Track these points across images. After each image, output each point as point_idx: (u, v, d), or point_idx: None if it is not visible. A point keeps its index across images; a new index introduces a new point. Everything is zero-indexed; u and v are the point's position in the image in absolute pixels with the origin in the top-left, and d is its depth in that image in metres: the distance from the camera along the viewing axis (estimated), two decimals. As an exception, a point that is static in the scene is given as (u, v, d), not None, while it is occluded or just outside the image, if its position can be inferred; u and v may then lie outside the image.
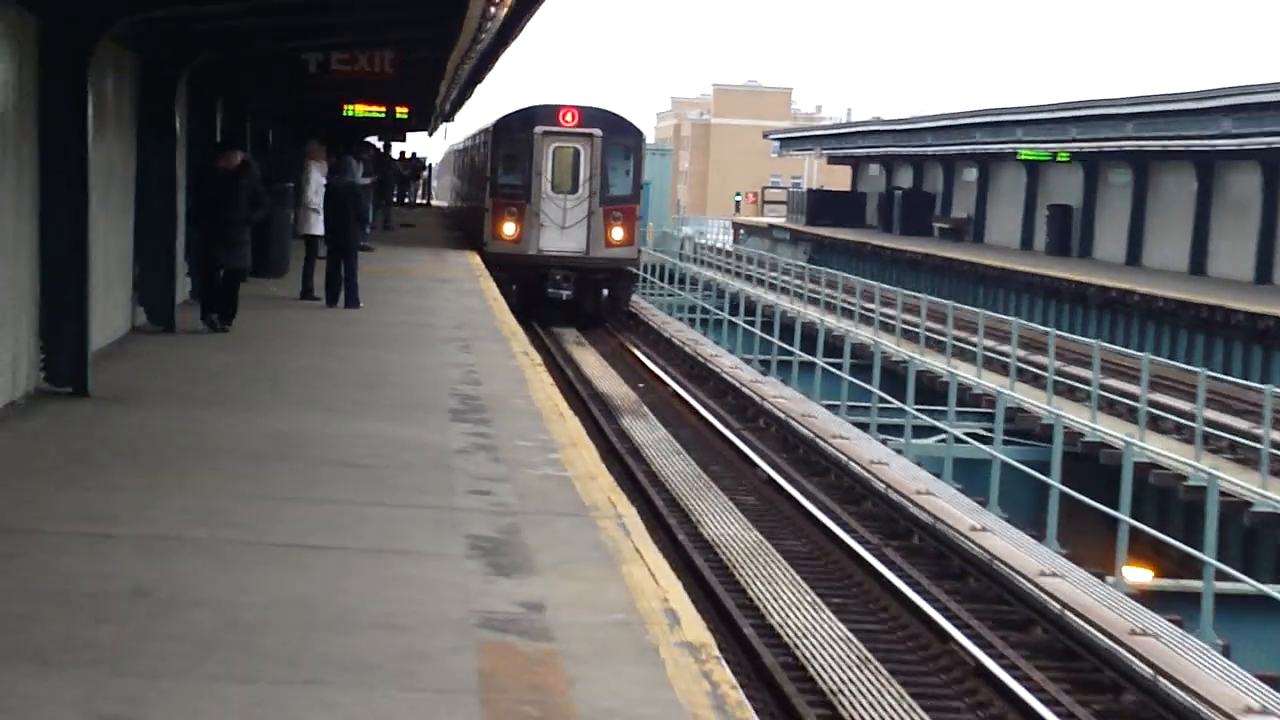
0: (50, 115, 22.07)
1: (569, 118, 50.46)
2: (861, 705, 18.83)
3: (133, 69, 28.40)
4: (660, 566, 15.64)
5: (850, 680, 19.68)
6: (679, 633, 13.29)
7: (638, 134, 53.31)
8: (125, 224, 28.23)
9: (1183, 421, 37.53)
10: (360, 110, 49.89)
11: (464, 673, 11.76)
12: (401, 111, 52.19)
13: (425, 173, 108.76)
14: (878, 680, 19.78)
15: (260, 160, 39.73)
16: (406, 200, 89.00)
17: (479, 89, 74.27)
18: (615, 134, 51.17)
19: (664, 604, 14.13)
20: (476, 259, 51.20)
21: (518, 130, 51.10)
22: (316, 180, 37.63)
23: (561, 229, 50.17)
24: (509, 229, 50.41)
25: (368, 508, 17.03)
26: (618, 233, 50.56)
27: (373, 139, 69.17)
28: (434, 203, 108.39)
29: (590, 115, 51.01)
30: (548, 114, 50.84)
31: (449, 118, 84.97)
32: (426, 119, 70.97)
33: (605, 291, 51.74)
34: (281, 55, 37.15)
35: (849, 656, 20.66)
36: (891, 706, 18.84)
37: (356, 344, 30.77)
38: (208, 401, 23.34)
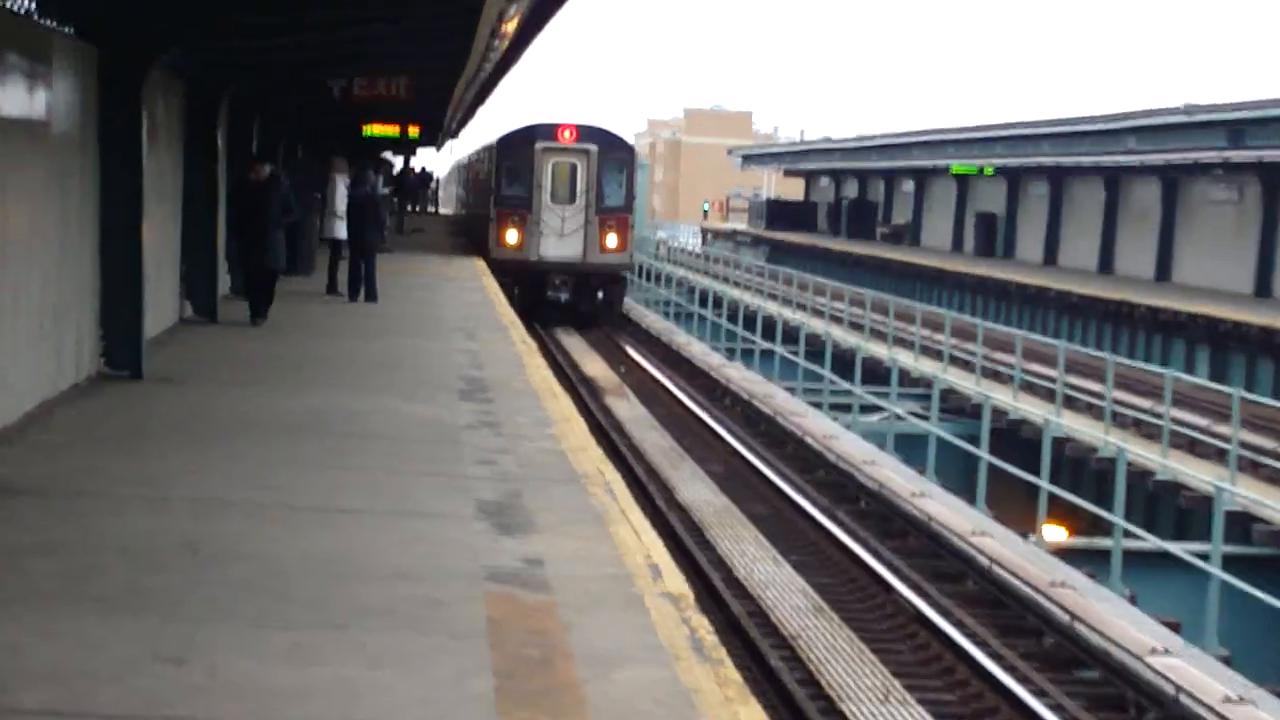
0: (108, 133, 22.06)
1: (567, 135, 49.63)
2: (817, 647, 18.85)
3: (180, 92, 28.39)
4: (643, 527, 15.68)
5: (807, 626, 19.71)
6: (661, 585, 13.32)
7: (630, 149, 52.78)
8: (173, 228, 28.22)
9: (1094, 401, 37.60)
10: (377, 130, 49.82)
11: (474, 619, 11.78)
12: (413, 131, 52.17)
13: (433, 185, 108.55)
14: (831, 626, 19.81)
15: (290, 173, 39.71)
16: (417, 209, 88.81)
17: (480, 111, 74.25)
18: (609, 149, 50.43)
19: (647, 560, 14.16)
20: (480, 262, 50.83)
21: (520, 146, 50.22)
22: (340, 190, 37.59)
23: (560, 237, 49.33)
24: (512, 237, 49.53)
25: (387, 475, 17.06)
26: (612, 240, 49.68)
27: (388, 154, 69.01)
28: (441, 211, 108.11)
29: (586, 132, 50.19)
30: (547, 131, 49.95)
31: (454, 135, 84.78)
32: (434, 137, 70.90)
33: (600, 294, 50.96)
34: (310, 82, 37.12)
35: (805, 605, 20.69)
36: (843, 649, 18.86)
37: (375, 333, 30.75)
38: (246, 383, 23.37)
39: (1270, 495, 28.26)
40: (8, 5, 16.93)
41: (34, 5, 18.99)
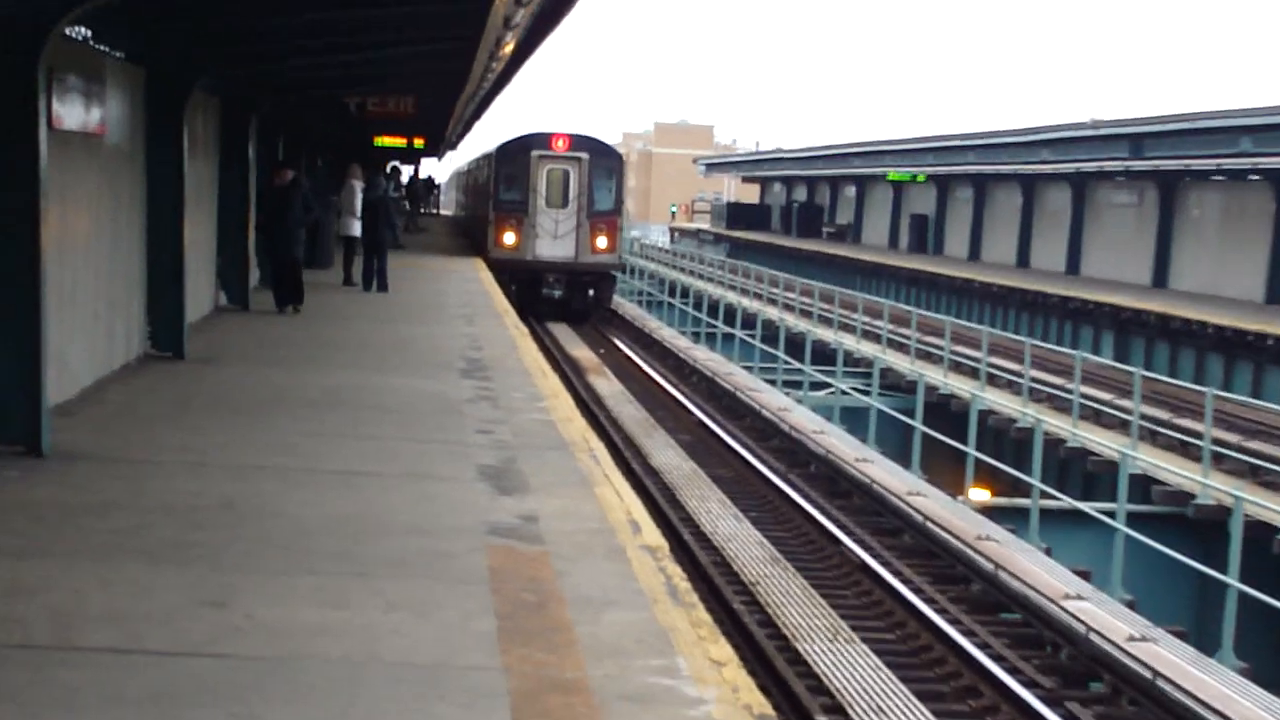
0: (154, 144, 22.06)
1: (560, 143, 48.50)
2: (774, 592, 18.88)
3: (216, 109, 28.36)
4: (623, 488, 15.71)
5: (764, 574, 19.74)
6: (640, 538, 13.35)
7: (618, 157, 51.40)
8: (210, 227, 28.21)
9: (1013, 378, 37.68)
10: (387, 141, 49.94)
11: (477, 568, 11.82)
12: (418, 142, 52.36)
13: (436, 190, 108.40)
14: (785, 574, 19.83)
15: (310, 178, 39.70)
16: (422, 211, 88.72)
17: (477, 124, 74.15)
18: (599, 157, 49.20)
19: (628, 516, 14.19)
20: (478, 260, 50.45)
21: (517, 154, 48.93)
22: (355, 193, 37.55)
23: (554, 238, 48.08)
24: (509, 238, 48.24)
25: (400, 442, 17.07)
26: (602, 241, 48.43)
27: (396, 163, 68.88)
28: (442, 212, 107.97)
29: (578, 141, 49.04)
30: (542, 140, 48.80)
31: (454, 146, 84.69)
32: (437, 147, 70.87)
33: (591, 292, 49.64)
34: (329, 100, 37.10)
35: (763, 556, 20.71)
36: (796, 594, 18.88)
37: (386, 319, 30.76)
38: (275, 362, 23.37)
39: (1167, 461, 28.35)
40: (68, 33, 16.88)
41: (90, 33, 18.95)
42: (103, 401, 18.49)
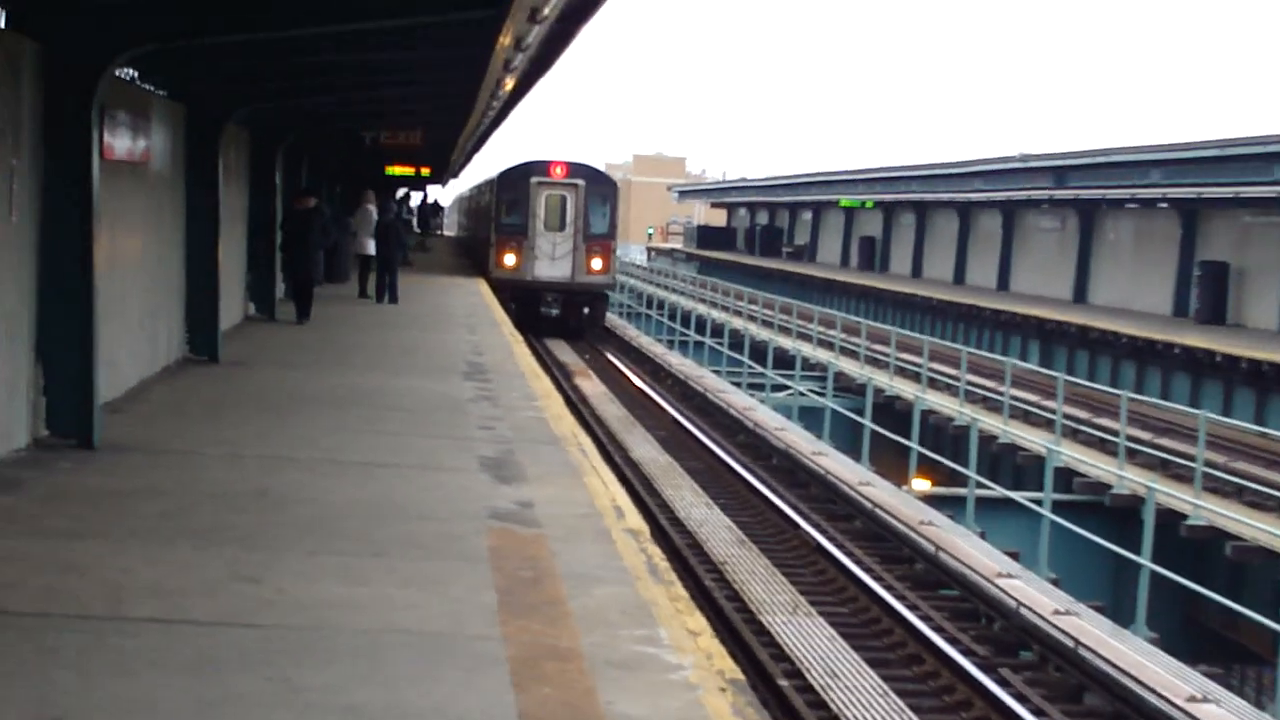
0: (192, 171, 22.05)
1: (558, 171, 46.74)
2: (740, 571, 18.89)
3: (247, 141, 28.33)
4: (609, 478, 15.72)
5: (732, 555, 19.75)
6: (624, 522, 13.35)
7: (613, 184, 49.58)
8: (241, 246, 28.19)
9: (951, 382, 37.70)
10: (397, 170, 49.31)
11: (480, 548, 11.81)
12: (425, 171, 51.77)
13: (440, 213, 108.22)
14: (750, 555, 19.85)
15: (329, 204, 39.67)
16: (428, 232, 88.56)
17: (477, 155, 74.09)
18: (595, 184, 47.40)
19: (612, 503, 14.19)
20: (479, 278, 49.67)
21: (517, 180, 47.05)
22: (370, 216, 37.53)
23: (552, 260, 46.26)
24: (509, 259, 46.45)
25: (411, 437, 17.06)
26: (597, 263, 46.64)
27: (404, 190, 68.78)
28: (445, 234, 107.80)
29: (575, 169, 47.30)
30: (541, 168, 46.99)
31: (456, 174, 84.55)
32: (441, 175, 70.73)
33: (586, 310, 47.88)
34: (346, 133, 37.07)
35: (731, 539, 20.73)
36: (760, 572, 18.90)
37: (398, 327, 30.74)
38: (300, 365, 23.35)
39: (1087, 455, 28.42)
40: (118, 74, 16.87)
41: (137, 74, 18.96)
42: (147, 399, 18.47)
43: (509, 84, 26.58)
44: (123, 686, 8.21)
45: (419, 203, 76.54)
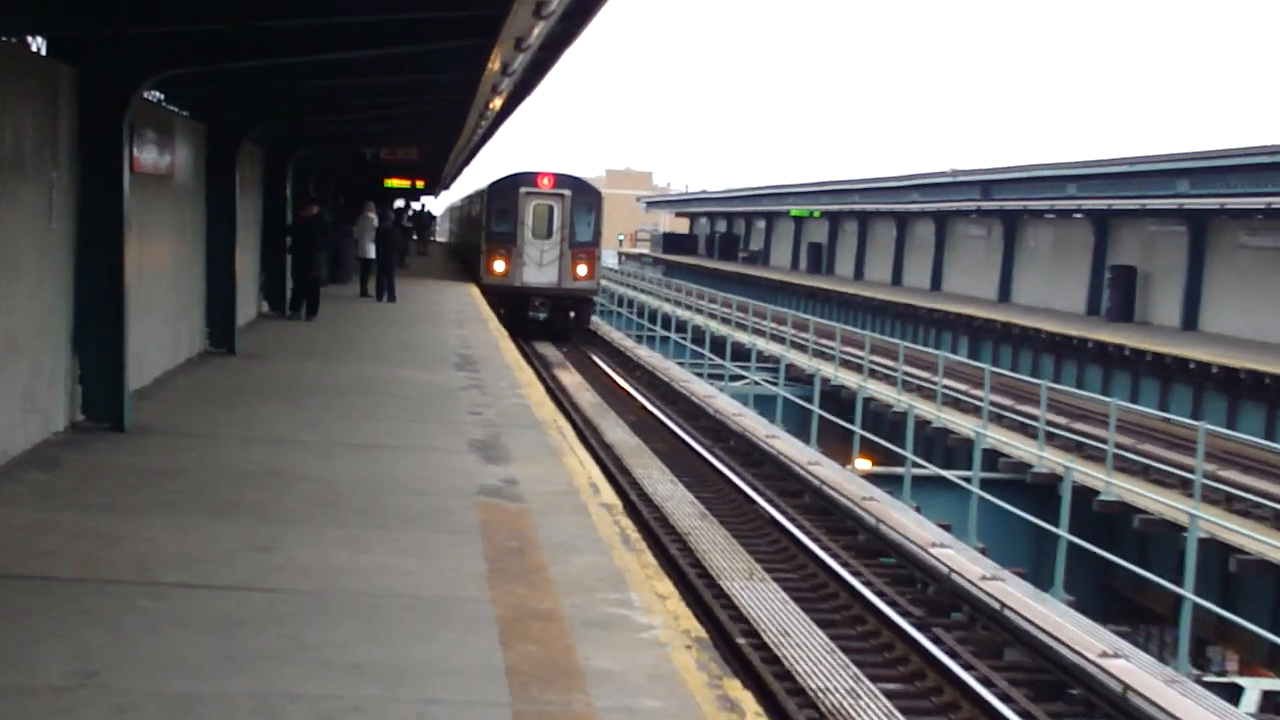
0: (212, 183, 22.01)
1: (545, 181, 44.33)
2: (701, 539, 18.89)
3: (260, 156, 28.24)
4: (585, 458, 15.73)
5: (695, 527, 19.74)
6: (599, 498, 13.37)
7: (597, 194, 46.84)
8: (255, 250, 28.11)
9: (889, 372, 37.72)
10: (395, 183, 48.93)
11: (471, 520, 11.83)
12: (420, 183, 51.35)
13: (433, 222, 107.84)
14: (710, 527, 19.85)
15: (332, 212, 39.58)
16: (423, 239, 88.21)
17: (466, 169, 73.91)
18: (580, 194, 44.98)
19: (589, 480, 14.20)
20: (470, 282, 48.80)
21: (507, 190, 44.66)
22: (370, 224, 37.44)
23: (539, 266, 43.98)
24: (499, 266, 44.08)
25: (408, 421, 17.04)
26: (582, 269, 44.31)
27: (402, 200, 68.46)
28: (437, 240, 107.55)
29: (561, 180, 44.77)
30: (529, 179, 44.52)
31: (447, 186, 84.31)
32: (434, 187, 70.54)
33: (572, 314, 45.54)
34: (350, 150, 37.02)
35: (694, 513, 20.72)
36: (719, 541, 18.90)
37: (395, 323, 30.68)
38: (308, 357, 23.31)
39: (1011, 438, 28.50)
40: (146, 96, 16.84)
41: (163, 96, 18.92)
42: (172, 388, 18.43)
43: (496, 104, 26.50)
44: (152, 644, 8.21)
45: (415, 212, 76.20)
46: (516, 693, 7.74)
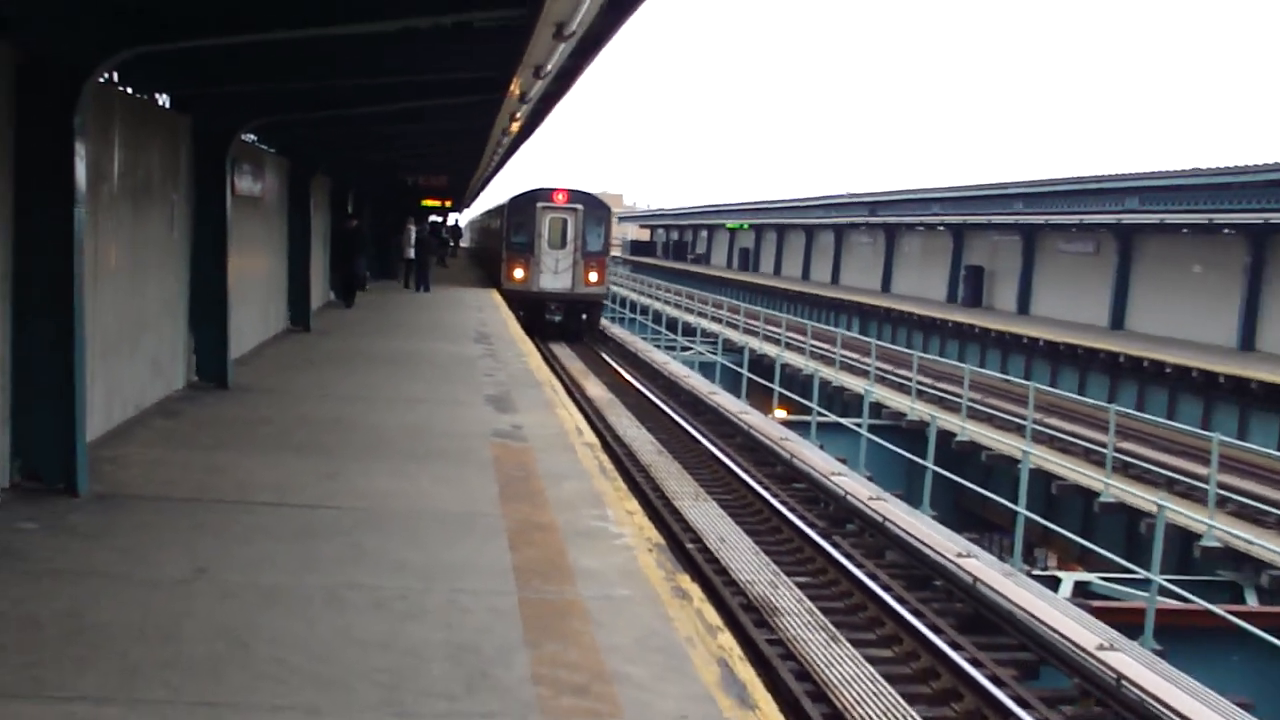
0: (293, 205, 21.88)
1: (560, 197, 39.43)
2: (662, 471, 18.85)
3: (328, 183, 28.01)
4: (573, 409, 15.67)
5: (654, 460, 19.67)
6: (583, 438, 13.33)
7: (606, 208, 41.60)
8: (324, 253, 27.99)
9: (801, 344, 37.54)
10: (428, 202, 47.84)
11: (486, 456, 11.79)
12: (448, 203, 50.66)
13: (459, 233, 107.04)
14: (666, 460, 19.77)
15: (375, 225, 39.33)
16: (452, 247, 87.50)
17: (482, 192, 73.40)
18: (592, 208, 39.90)
19: (575, 426, 14.17)
20: (489, 282, 46.14)
21: (525, 205, 39.61)
22: (410, 234, 37.25)
23: (555, 273, 38.95)
24: (518, 273, 39.07)
25: (439, 382, 16.97)
26: (593, 276, 39.27)
27: (434, 217, 67.89)
28: (461, 246, 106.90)
29: (575, 195, 39.85)
30: (545, 194, 39.56)
31: (469, 204, 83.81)
32: (459, 205, 70.16)
33: (584, 316, 40.42)
34: (397, 178, 36.76)
35: (653, 450, 20.66)
36: (673, 471, 18.85)
37: (427, 309, 30.51)
38: (362, 334, 23.11)
39: (892, 395, 28.55)
40: (244, 138, 16.71)
41: (256, 138, 18.78)
42: (262, 357, 18.33)
43: (505, 142, 26.38)
44: (247, 549, 8.19)
45: (445, 225, 75.73)
46: (521, 585, 7.74)
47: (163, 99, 14.18)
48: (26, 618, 6.61)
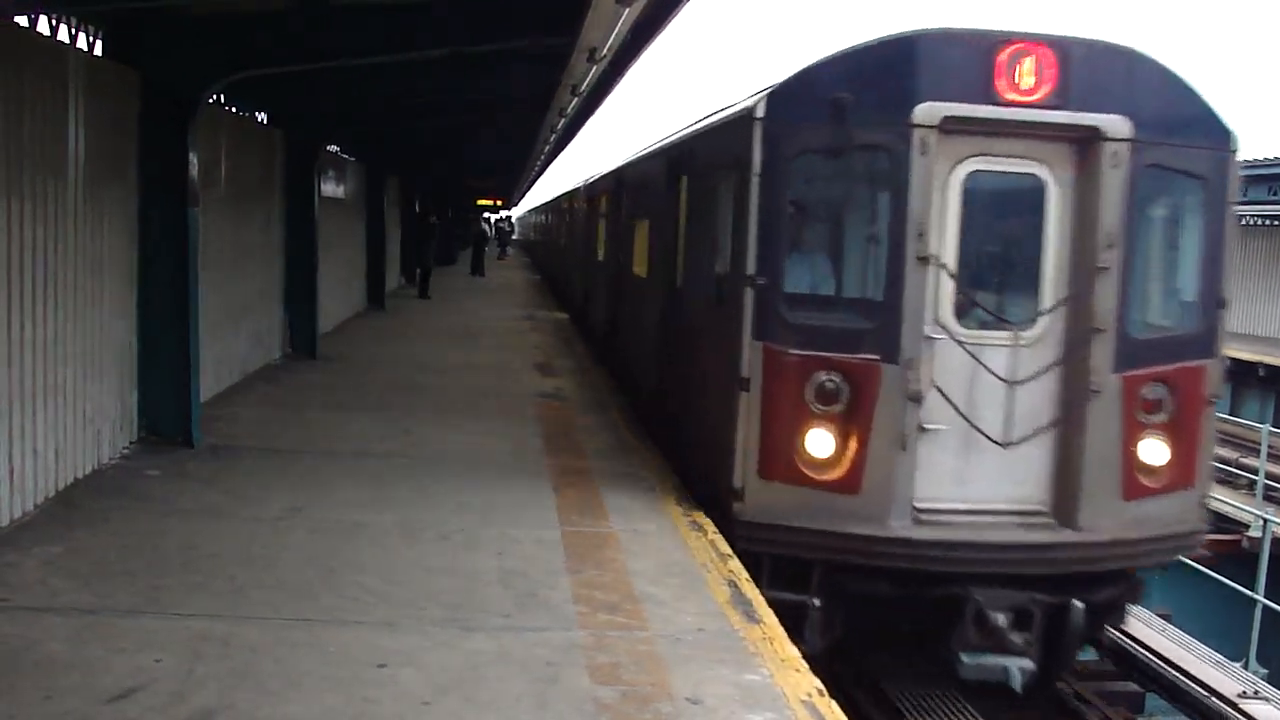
0: (370, 205, 21.87)
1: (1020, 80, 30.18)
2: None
3: (399, 184, 27.68)
4: (602, 374, 15.63)
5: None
6: (615, 399, 13.29)
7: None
8: (397, 243, 27.85)
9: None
10: (484, 201, 47.91)
11: (533, 413, 11.72)
12: (499, 202, 50.49)
13: (512, 228, 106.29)
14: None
15: (443, 220, 39.17)
16: (507, 241, 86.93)
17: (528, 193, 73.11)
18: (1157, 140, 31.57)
19: (609, 387, 14.13)
20: (537, 272, 45.42)
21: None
22: (470, 230, 37.12)
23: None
24: (815, 446, 30.31)
25: (495, 350, 16.88)
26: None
27: (494, 215, 67.48)
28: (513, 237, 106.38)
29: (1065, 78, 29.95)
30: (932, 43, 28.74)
31: (516, 204, 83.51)
32: (510, 204, 69.74)
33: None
34: (458, 180, 36.61)
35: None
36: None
37: (482, 292, 30.27)
38: (427, 311, 22.90)
39: None
40: (328, 149, 16.66)
41: (339, 149, 18.71)
42: (344, 332, 18.28)
43: (545, 150, 26.24)
44: (334, 491, 8.18)
45: (500, 222, 75.43)
46: (563, 520, 7.71)
47: (261, 117, 14.14)
48: (153, 548, 6.63)
